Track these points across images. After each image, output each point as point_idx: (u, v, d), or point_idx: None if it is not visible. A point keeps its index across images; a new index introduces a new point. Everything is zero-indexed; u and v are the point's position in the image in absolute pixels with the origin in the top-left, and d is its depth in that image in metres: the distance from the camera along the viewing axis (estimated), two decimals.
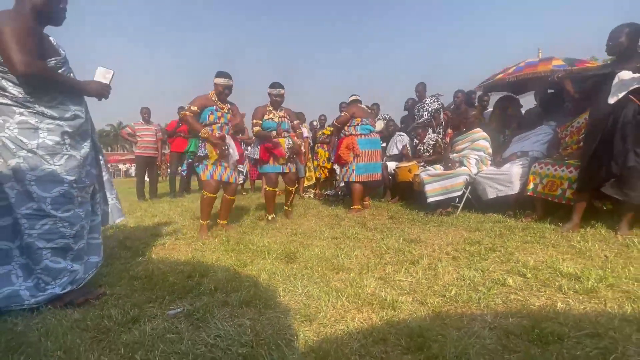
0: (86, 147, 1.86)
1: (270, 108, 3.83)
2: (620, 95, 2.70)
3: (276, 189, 3.96)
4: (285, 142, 3.85)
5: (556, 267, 1.98)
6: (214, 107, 3.30)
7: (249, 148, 4.15)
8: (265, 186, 4.03)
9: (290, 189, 4.09)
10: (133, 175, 7.41)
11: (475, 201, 4.13)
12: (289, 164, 3.91)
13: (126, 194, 8.35)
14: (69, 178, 1.73)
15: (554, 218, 3.27)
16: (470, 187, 4.08)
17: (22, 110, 1.64)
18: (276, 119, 3.81)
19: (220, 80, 3.30)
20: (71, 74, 1.83)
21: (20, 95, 1.61)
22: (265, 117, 3.79)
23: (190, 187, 7.84)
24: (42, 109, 1.67)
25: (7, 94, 1.60)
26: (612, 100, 2.73)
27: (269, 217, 3.90)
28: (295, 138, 3.96)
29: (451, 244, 2.66)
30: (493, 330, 1.36)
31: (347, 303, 1.63)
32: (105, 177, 2.04)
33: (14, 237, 1.64)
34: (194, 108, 3.23)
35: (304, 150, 4.09)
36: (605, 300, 1.58)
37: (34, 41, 1.65)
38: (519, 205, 3.68)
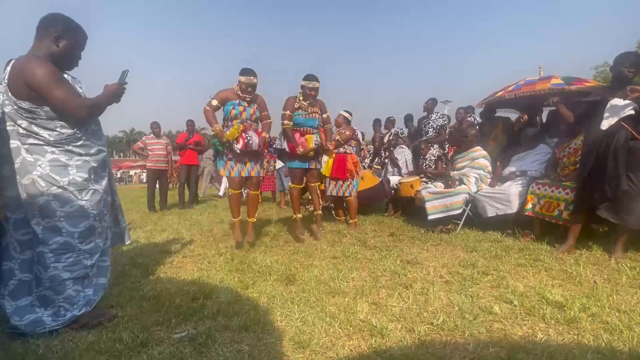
0: (105, 177, 2.02)
1: (302, 100, 3.68)
2: (613, 121, 2.78)
3: (301, 186, 3.90)
4: (313, 139, 3.72)
5: (543, 294, 2.06)
6: (237, 102, 3.30)
7: (275, 142, 4.05)
8: (290, 184, 3.99)
9: (313, 184, 3.93)
10: (145, 181, 7.64)
11: (475, 218, 4.21)
12: (314, 161, 3.83)
13: (138, 203, 8.62)
14: (94, 212, 1.87)
15: (551, 238, 3.33)
16: (470, 204, 4.16)
17: (53, 149, 1.78)
18: (304, 116, 3.68)
19: (243, 78, 3.26)
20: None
21: (51, 138, 1.76)
22: (297, 111, 3.67)
23: (198, 199, 8.03)
24: (70, 147, 1.82)
25: (38, 136, 1.75)
26: (604, 126, 2.81)
27: (295, 216, 3.83)
28: (324, 134, 3.86)
29: (446, 266, 2.75)
30: None
31: (339, 330, 1.75)
32: (117, 201, 2.19)
33: (32, 269, 1.80)
34: (215, 102, 3.28)
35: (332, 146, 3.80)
36: (584, 331, 1.67)
37: (70, 83, 1.83)
38: (517, 224, 3.75)
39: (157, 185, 7.03)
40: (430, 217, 4.10)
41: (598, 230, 3.38)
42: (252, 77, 3.27)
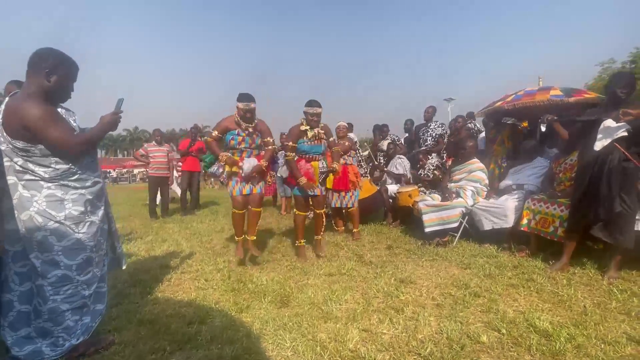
0: (102, 207, 2.06)
1: (305, 127, 3.60)
2: (606, 142, 2.79)
3: (306, 213, 3.84)
4: (319, 166, 3.74)
5: (532, 322, 2.09)
6: (236, 131, 3.37)
7: (279, 163, 3.95)
8: (294, 210, 3.86)
9: (318, 211, 3.76)
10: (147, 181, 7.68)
11: (472, 230, 4.23)
12: (320, 187, 3.75)
13: (139, 208, 8.71)
14: (91, 244, 1.92)
15: (547, 254, 3.35)
16: (467, 217, 4.18)
17: (49, 184, 1.82)
18: (308, 143, 3.59)
19: (240, 105, 3.32)
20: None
21: (47, 175, 1.80)
22: (302, 139, 3.58)
23: (199, 205, 8.10)
24: (66, 182, 1.87)
25: (34, 173, 1.80)
26: (597, 147, 2.82)
27: (299, 243, 3.79)
28: (331, 159, 3.76)
29: (439, 286, 2.78)
30: None
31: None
32: (113, 228, 2.23)
33: (30, 301, 1.85)
34: (215, 134, 3.41)
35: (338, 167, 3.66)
36: None
37: (64, 120, 1.87)
38: (513, 239, 3.77)
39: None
40: (427, 230, 4.13)
41: (593, 247, 3.39)
42: (249, 103, 3.31)
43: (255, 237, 3.56)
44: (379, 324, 2.19)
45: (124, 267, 2.36)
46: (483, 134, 5.75)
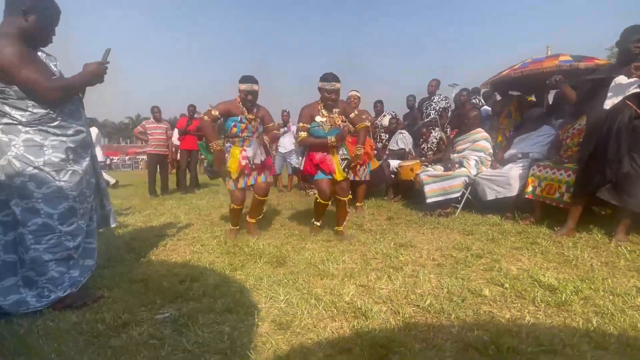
0: (87, 159, 1.98)
1: (321, 108, 3.06)
2: (616, 100, 2.66)
3: (329, 202, 3.22)
4: (338, 154, 3.21)
5: (536, 277, 2.01)
6: (239, 118, 3.01)
7: (290, 157, 3.58)
8: (316, 196, 3.29)
9: (343, 199, 3.18)
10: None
11: (475, 201, 4.13)
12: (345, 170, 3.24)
13: (140, 188, 8.66)
14: (73, 193, 1.85)
15: (551, 222, 3.25)
16: (470, 187, 4.08)
17: (27, 129, 1.75)
18: (326, 127, 3.04)
19: (243, 86, 2.96)
20: None
21: (24, 119, 1.72)
22: (315, 119, 3.06)
23: (199, 183, 8.02)
24: (45, 127, 1.79)
25: (11, 116, 1.72)
26: (607, 105, 2.70)
27: (317, 223, 3.32)
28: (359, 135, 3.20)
29: (440, 249, 2.70)
30: (454, 343, 1.42)
31: (323, 311, 1.72)
32: (102, 184, 2.16)
33: (16, 250, 1.79)
34: (214, 112, 2.96)
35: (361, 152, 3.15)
36: (574, 314, 1.62)
37: (41, 62, 1.78)
38: (518, 207, 3.67)
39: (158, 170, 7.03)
40: (428, 201, 4.04)
41: (600, 213, 3.29)
42: (252, 85, 2.98)
43: (255, 220, 3.30)
44: (377, 280, 2.12)
45: (113, 225, 2.29)
46: (485, 107, 5.61)
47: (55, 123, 1.80)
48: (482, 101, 6.40)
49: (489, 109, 5.47)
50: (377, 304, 1.81)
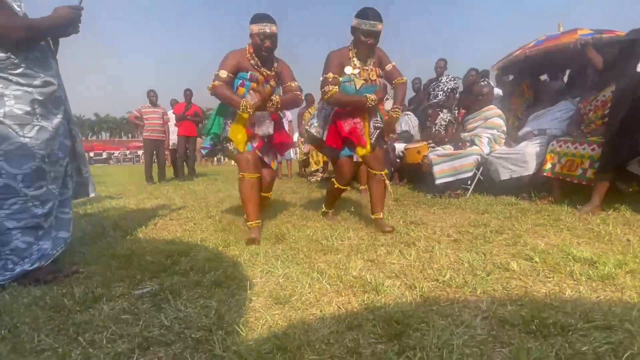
0: (58, 116, 1.74)
1: (353, 56, 2.33)
2: None
3: (348, 187, 2.68)
4: (371, 122, 2.43)
5: (569, 251, 1.76)
6: (248, 75, 2.24)
7: (311, 120, 2.62)
8: (332, 179, 2.66)
9: (377, 172, 2.44)
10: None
11: (487, 182, 3.88)
12: (375, 140, 2.46)
13: (138, 176, 8.44)
14: (41, 152, 1.61)
15: (572, 201, 3.00)
16: (482, 167, 3.83)
17: None
18: (358, 82, 2.30)
19: (256, 28, 2.16)
20: None
21: None
22: (345, 70, 2.32)
23: (196, 171, 7.78)
24: (6, 75, 1.56)
25: None
26: None
27: (330, 212, 2.83)
28: (385, 108, 2.55)
29: (454, 226, 2.46)
30: (486, 319, 1.18)
31: (327, 286, 1.49)
32: (78, 148, 1.92)
33: None
34: (224, 74, 2.18)
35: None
36: (623, 287, 1.37)
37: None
38: (534, 187, 3.42)
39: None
40: (438, 182, 3.79)
41: (626, 190, 3.04)
42: (270, 25, 2.17)
43: (259, 222, 2.31)
44: (387, 255, 1.88)
45: (92, 195, 2.05)
46: (497, 89, 5.34)
47: (19, 70, 1.56)
48: (492, 84, 6.13)
49: (500, 91, 5.21)
50: (389, 278, 1.57)
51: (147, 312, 1.30)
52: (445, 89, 5.35)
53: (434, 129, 5.04)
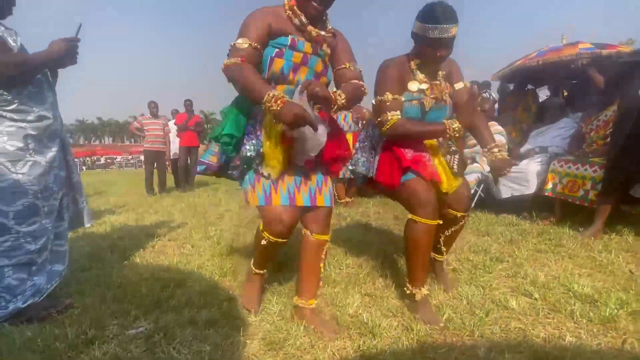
0: (53, 149, 1.73)
1: (416, 68, 1.66)
2: None
3: (439, 221, 1.61)
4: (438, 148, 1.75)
5: (570, 286, 1.74)
6: (289, 40, 1.43)
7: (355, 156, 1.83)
8: (410, 216, 1.64)
9: (457, 214, 1.78)
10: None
11: (488, 200, 3.85)
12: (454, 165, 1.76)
13: (137, 186, 8.45)
14: (34, 188, 1.60)
15: (574, 222, 2.97)
16: (483, 185, 3.80)
17: None
18: (428, 102, 1.63)
19: None
20: None
21: None
22: (409, 87, 1.64)
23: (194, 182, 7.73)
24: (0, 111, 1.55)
25: None
26: None
27: (419, 293, 1.58)
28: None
29: (454, 252, 2.43)
30: None
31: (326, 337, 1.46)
32: (75, 179, 1.91)
33: None
34: (245, 44, 1.38)
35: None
36: (624, 333, 1.34)
37: None
38: (536, 207, 3.39)
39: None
40: None
41: (630, 212, 3.00)
42: None
43: (314, 301, 1.58)
44: (385, 289, 1.85)
45: (88, 225, 2.03)
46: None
47: (12, 107, 1.54)
48: (493, 95, 6.11)
49: (496, 97, 5.19)
50: (387, 317, 1.54)
51: (140, 357, 1.28)
52: None
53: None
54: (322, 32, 1.48)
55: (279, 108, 1.23)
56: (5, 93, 1.51)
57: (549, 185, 3.20)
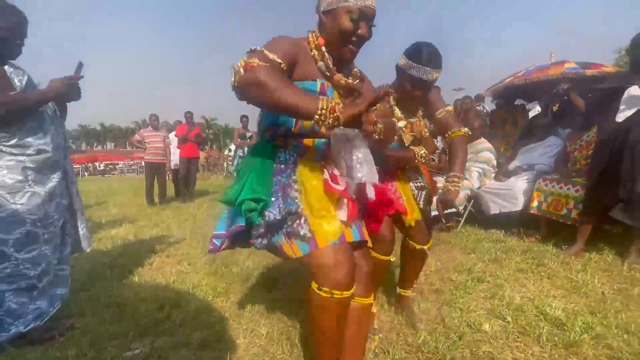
0: (54, 179, 1.83)
1: (395, 103, 1.71)
2: (630, 112, 2.49)
3: (391, 258, 1.72)
4: (411, 186, 1.86)
5: (542, 309, 1.84)
6: (317, 85, 1.21)
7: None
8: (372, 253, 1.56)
9: (419, 247, 1.84)
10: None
11: (479, 215, 3.96)
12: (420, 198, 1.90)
13: (140, 195, 8.58)
14: (32, 217, 1.70)
15: (559, 239, 3.07)
16: (472, 200, 3.91)
17: None
18: (407, 137, 1.75)
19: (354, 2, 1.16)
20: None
21: None
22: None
23: (194, 192, 7.84)
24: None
25: None
26: (620, 117, 2.52)
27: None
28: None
29: (440, 271, 2.54)
30: None
31: (306, 350, 1.57)
32: (77, 206, 2.02)
33: None
34: (274, 56, 1.09)
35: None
36: (585, 358, 1.45)
37: None
38: (523, 223, 3.50)
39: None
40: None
41: (611, 231, 3.10)
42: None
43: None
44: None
45: (87, 250, 2.14)
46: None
47: (12, 142, 1.65)
48: (487, 109, 6.24)
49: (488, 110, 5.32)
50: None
51: None
52: None
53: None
54: (350, 79, 1.28)
55: (342, 114, 0.98)
56: (6, 130, 1.62)
57: (535, 203, 3.31)
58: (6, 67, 1.71)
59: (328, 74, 1.24)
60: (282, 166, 1.22)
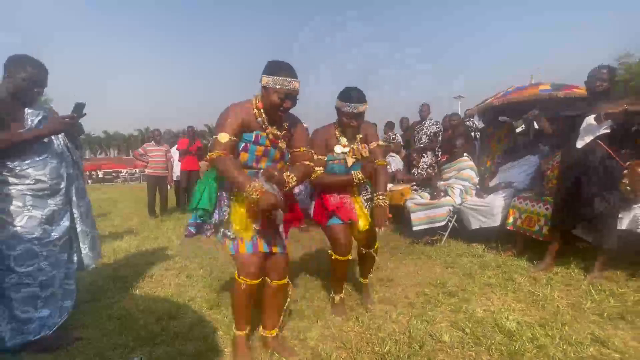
0: (52, 205, 2.02)
1: (340, 134, 2.26)
2: (588, 139, 2.72)
3: (348, 257, 2.27)
4: (361, 195, 2.39)
5: (499, 322, 2.05)
6: (252, 136, 1.77)
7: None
8: (329, 252, 2.32)
9: (366, 251, 2.42)
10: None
11: (462, 229, 4.18)
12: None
13: (143, 206, 8.84)
14: (29, 236, 1.93)
15: (533, 254, 3.29)
16: (455, 215, 4.13)
17: None
18: (350, 160, 2.25)
19: (274, 81, 1.69)
20: None
21: None
22: (335, 149, 2.25)
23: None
24: (2, 177, 1.90)
25: None
26: (579, 144, 2.76)
27: (336, 298, 2.38)
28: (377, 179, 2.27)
29: (417, 285, 2.76)
30: None
31: (283, 359, 1.79)
32: (79, 228, 2.21)
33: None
34: (226, 138, 1.69)
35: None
36: None
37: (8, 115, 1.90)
38: (501, 238, 3.71)
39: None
40: (414, 229, 4.10)
41: (578, 247, 3.31)
42: (292, 80, 1.71)
43: (277, 331, 1.94)
44: (345, 322, 2.19)
45: (90, 268, 2.35)
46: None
47: (14, 172, 1.90)
48: (477, 124, 6.48)
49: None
50: (339, 349, 1.88)
51: None
52: (429, 132, 5.71)
53: (416, 173, 5.38)
54: (278, 132, 1.83)
55: (258, 197, 1.58)
56: (9, 162, 1.88)
57: (511, 220, 3.53)
58: (26, 109, 1.98)
59: (263, 127, 1.80)
60: (227, 185, 1.80)
